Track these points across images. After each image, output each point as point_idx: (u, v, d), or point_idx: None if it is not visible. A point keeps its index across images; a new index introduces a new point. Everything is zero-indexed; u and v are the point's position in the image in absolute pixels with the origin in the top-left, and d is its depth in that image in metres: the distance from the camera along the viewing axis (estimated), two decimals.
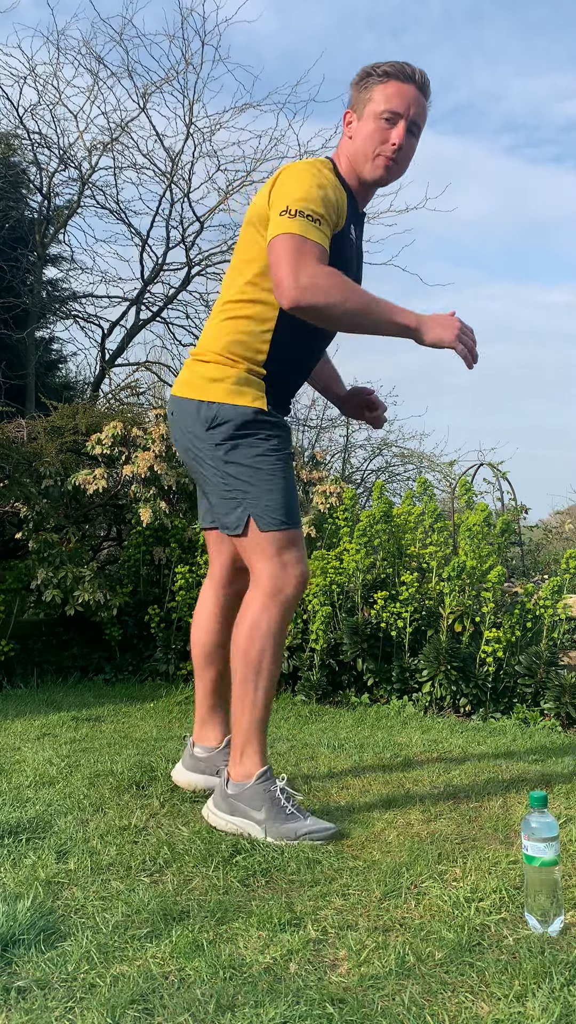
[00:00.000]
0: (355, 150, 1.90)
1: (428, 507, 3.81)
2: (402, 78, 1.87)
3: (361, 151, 1.89)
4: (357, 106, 1.91)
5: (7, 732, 2.86)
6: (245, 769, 1.84)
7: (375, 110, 1.87)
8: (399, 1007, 1.12)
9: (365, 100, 1.89)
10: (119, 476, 4.31)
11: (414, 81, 1.88)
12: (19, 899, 1.42)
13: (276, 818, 1.76)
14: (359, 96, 1.91)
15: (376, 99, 1.87)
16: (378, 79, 1.88)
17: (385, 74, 1.87)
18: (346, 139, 1.93)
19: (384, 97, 1.86)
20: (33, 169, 7.73)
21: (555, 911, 1.35)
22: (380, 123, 1.87)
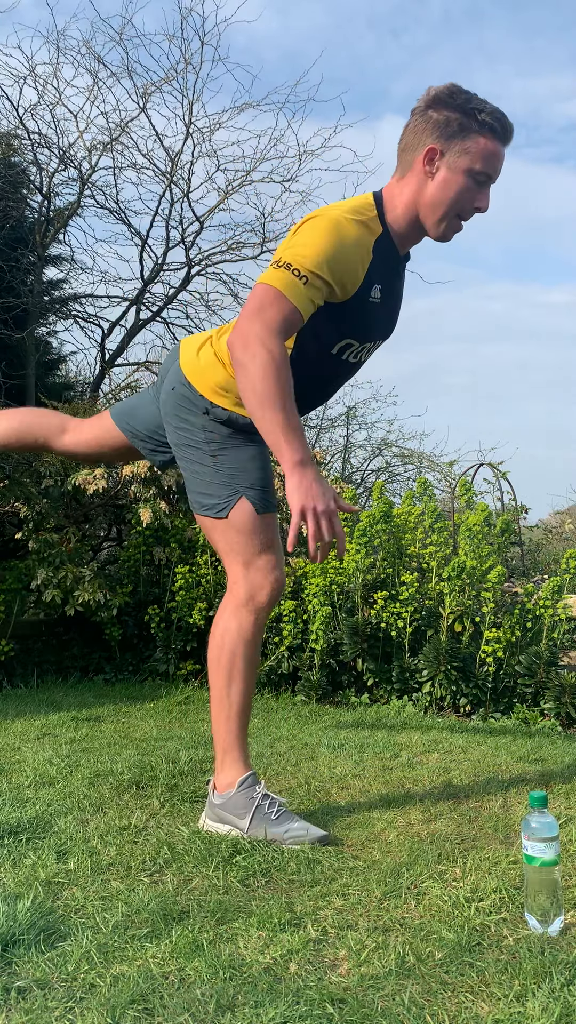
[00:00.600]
0: (432, 199, 1.73)
1: (428, 507, 3.81)
2: (503, 138, 1.74)
3: (440, 201, 1.72)
4: (450, 150, 1.71)
5: (7, 732, 2.86)
6: (228, 778, 1.82)
7: (471, 166, 1.71)
8: (399, 1007, 1.12)
9: (461, 148, 1.70)
10: (119, 476, 4.31)
11: (508, 142, 1.75)
12: (19, 899, 1.42)
13: (261, 823, 1.76)
14: (452, 139, 1.71)
15: (475, 153, 1.70)
16: (479, 130, 1.70)
17: (490, 129, 1.71)
18: (424, 176, 1.73)
19: (484, 156, 1.71)
20: (33, 169, 7.73)
21: (555, 911, 1.35)
22: (471, 182, 1.72)
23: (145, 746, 2.63)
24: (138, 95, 7.52)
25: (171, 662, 4.00)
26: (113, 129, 7.57)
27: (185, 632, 4.01)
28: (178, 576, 4.00)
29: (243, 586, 1.83)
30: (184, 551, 4.24)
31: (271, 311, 1.60)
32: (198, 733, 2.86)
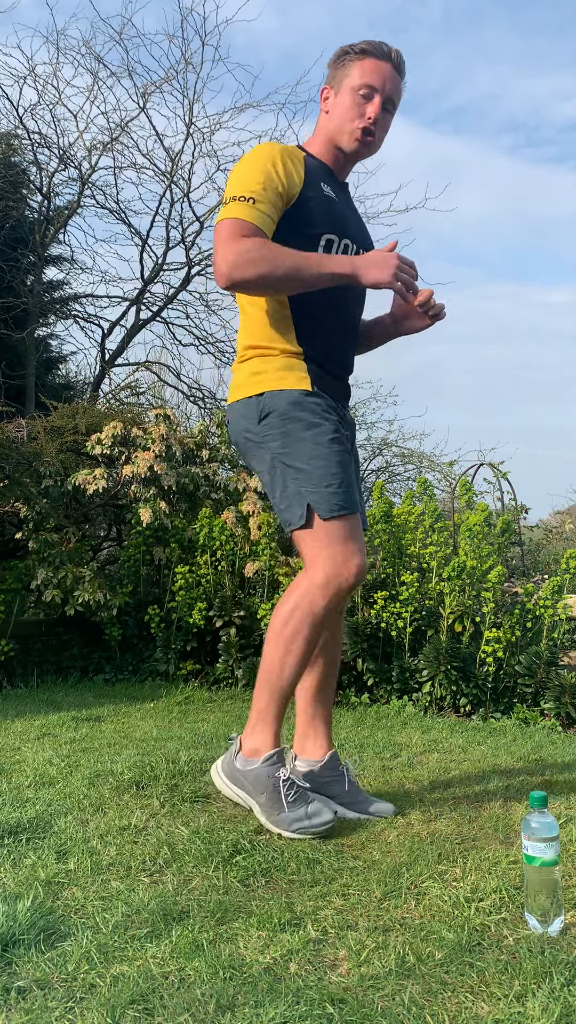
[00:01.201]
0: (333, 124, 1.96)
1: (428, 507, 3.81)
2: (379, 55, 1.94)
3: (339, 124, 1.95)
4: (334, 82, 1.97)
5: (7, 732, 2.86)
6: (255, 744, 1.86)
7: (352, 84, 1.93)
8: (399, 1007, 1.12)
9: (342, 76, 1.95)
10: (119, 476, 4.31)
11: (390, 59, 1.95)
12: (19, 899, 1.42)
13: (275, 805, 1.79)
14: (336, 72, 1.97)
15: (353, 75, 1.93)
16: (355, 56, 1.94)
17: (363, 51, 1.93)
18: (323, 115, 2.00)
19: (360, 73, 1.93)
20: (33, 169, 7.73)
21: (555, 911, 1.35)
22: (357, 97, 1.93)
23: (145, 746, 2.63)
24: (138, 95, 7.53)
25: (171, 662, 4.00)
26: (113, 129, 7.57)
27: (185, 632, 4.01)
28: (178, 576, 4.00)
29: (322, 569, 1.83)
30: (184, 551, 4.24)
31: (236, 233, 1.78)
32: (198, 733, 2.86)
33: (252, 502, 4.23)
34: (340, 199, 1.99)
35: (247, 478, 4.49)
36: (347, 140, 1.96)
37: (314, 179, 1.92)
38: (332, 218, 1.93)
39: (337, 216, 1.95)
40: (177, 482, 4.31)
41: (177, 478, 4.30)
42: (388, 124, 2.00)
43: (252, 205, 1.79)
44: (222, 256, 1.77)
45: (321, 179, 1.94)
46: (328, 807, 1.82)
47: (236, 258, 1.76)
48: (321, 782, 1.97)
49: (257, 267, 1.76)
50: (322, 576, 1.83)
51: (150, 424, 4.58)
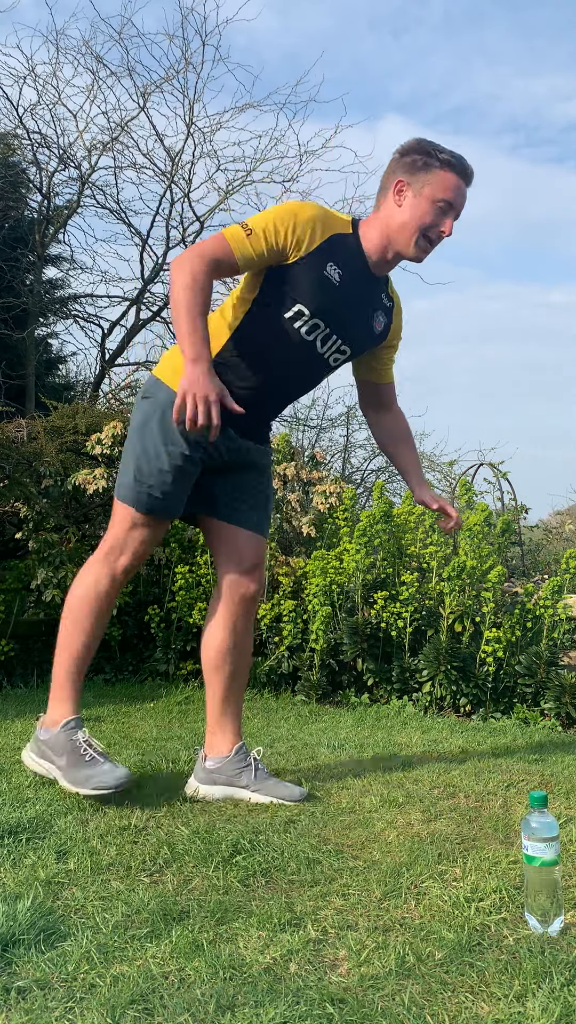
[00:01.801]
0: (400, 221, 1.99)
1: None
2: (462, 174, 2.00)
3: (407, 224, 1.99)
4: (415, 182, 1.98)
5: (7, 732, 2.86)
6: (54, 716, 2.02)
7: (433, 195, 1.97)
8: (399, 1007, 1.12)
9: (424, 180, 1.97)
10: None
11: (468, 180, 2.02)
12: (19, 899, 1.42)
13: (75, 765, 1.94)
14: (417, 173, 1.98)
15: (435, 184, 1.97)
16: (440, 165, 1.98)
17: (448, 164, 1.98)
18: (393, 205, 2.01)
19: (444, 186, 1.97)
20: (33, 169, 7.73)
21: (555, 911, 1.35)
22: (435, 207, 1.98)
23: (145, 746, 2.63)
24: (138, 95, 7.53)
25: (171, 662, 4.00)
26: (113, 129, 7.57)
27: (185, 632, 4.01)
28: (178, 576, 4.00)
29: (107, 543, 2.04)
30: (184, 551, 4.24)
31: (208, 245, 1.91)
32: (198, 733, 2.86)
33: None
34: (352, 287, 2.01)
35: None
36: (410, 245, 2.00)
37: (324, 255, 1.96)
38: (318, 298, 1.96)
39: (326, 298, 1.97)
40: None
41: None
42: None
43: (246, 236, 1.90)
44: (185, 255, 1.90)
45: (339, 260, 1.98)
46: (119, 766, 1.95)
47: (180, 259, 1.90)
48: (231, 774, 2.05)
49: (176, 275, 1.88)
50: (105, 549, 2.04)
51: None
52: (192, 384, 1.80)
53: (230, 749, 2.09)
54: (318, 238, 1.95)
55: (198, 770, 2.10)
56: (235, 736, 2.12)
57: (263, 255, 1.92)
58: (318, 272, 1.96)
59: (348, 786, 2.17)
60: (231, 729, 2.12)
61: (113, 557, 2.03)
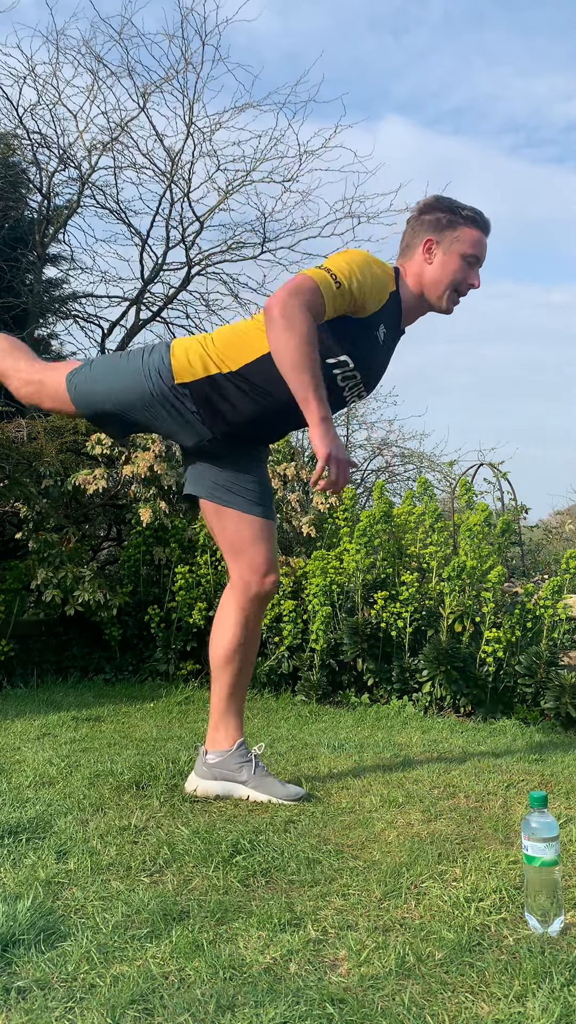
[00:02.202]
0: (432, 276, 2.08)
1: (428, 507, 3.81)
2: (484, 229, 2.10)
3: (440, 280, 2.07)
4: (444, 240, 2.07)
5: (7, 732, 2.86)
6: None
7: (462, 251, 2.07)
8: (399, 1007, 1.12)
9: (452, 237, 2.07)
10: (119, 476, 4.31)
11: (488, 232, 2.12)
12: (19, 899, 1.42)
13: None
14: (444, 231, 2.07)
15: (463, 241, 2.07)
16: (464, 223, 2.08)
17: (472, 220, 2.08)
18: (423, 262, 2.09)
19: (471, 243, 2.07)
20: (33, 169, 7.73)
21: (555, 911, 1.35)
22: (463, 263, 2.07)
23: (145, 746, 2.63)
24: (138, 95, 7.52)
25: (171, 662, 4.00)
26: (113, 129, 7.57)
27: (185, 632, 4.01)
28: (178, 576, 4.00)
29: None
30: (184, 551, 4.24)
31: (309, 294, 1.85)
32: (198, 733, 2.86)
33: None
34: (385, 344, 2.07)
35: None
36: (443, 299, 2.09)
37: (379, 319, 2.01)
38: (365, 352, 2.03)
39: (370, 355, 2.05)
40: (177, 482, 4.31)
41: (177, 478, 4.29)
42: None
43: (335, 289, 1.89)
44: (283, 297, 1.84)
45: (385, 321, 2.04)
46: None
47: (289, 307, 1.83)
48: (232, 769, 2.09)
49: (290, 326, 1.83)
50: None
51: None
52: (337, 450, 1.83)
53: (231, 744, 2.10)
54: (381, 302, 2.00)
55: (199, 766, 2.11)
56: (237, 732, 2.13)
57: (341, 309, 1.94)
58: (372, 333, 2.01)
59: (348, 786, 2.17)
60: (233, 725, 2.14)
61: None
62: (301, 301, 1.84)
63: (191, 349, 2.03)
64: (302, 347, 1.82)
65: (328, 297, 1.87)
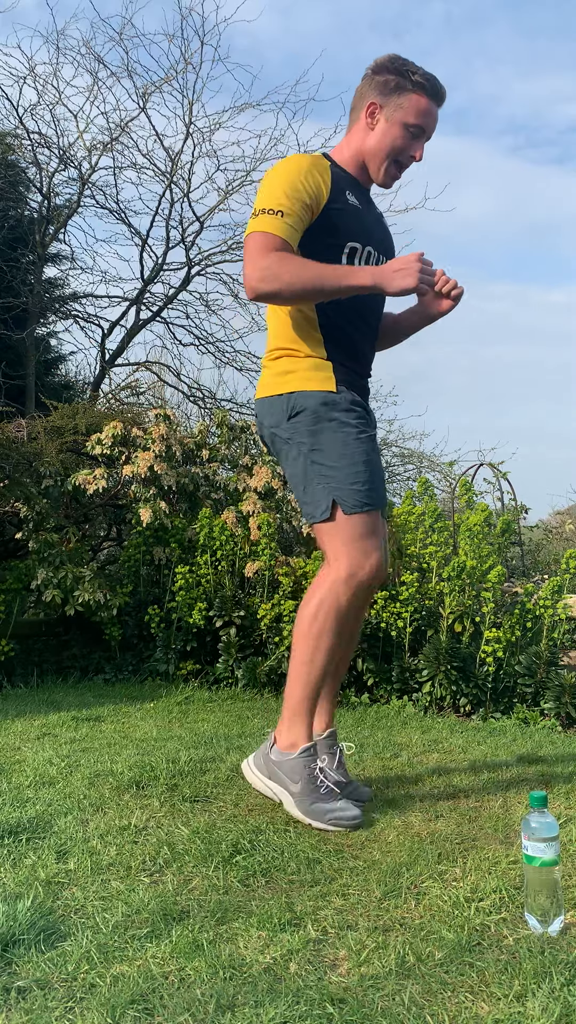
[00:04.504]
0: (373, 145, 1.99)
1: (428, 507, 3.81)
2: (434, 97, 1.98)
3: (380, 149, 1.98)
4: (386, 103, 1.97)
5: (7, 732, 2.86)
6: (292, 739, 1.93)
7: (405, 119, 1.96)
8: (399, 1007, 1.12)
9: (396, 104, 1.96)
10: (119, 476, 4.31)
11: (440, 102, 1.99)
12: (19, 899, 1.42)
13: (310, 795, 1.86)
14: (390, 96, 1.97)
15: (407, 108, 1.96)
16: (413, 88, 1.96)
17: (420, 87, 1.96)
18: (366, 128, 2.00)
19: (416, 111, 1.96)
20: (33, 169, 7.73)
21: (555, 911, 1.35)
22: (406, 132, 1.97)
23: (145, 746, 2.63)
24: (138, 95, 7.52)
25: (171, 662, 4.00)
26: (113, 129, 7.57)
27: (185, 632, 4.01)
28: (178, 576, 4.00)
29: (345, 563, 1.90)
30: (184, 551, 4.24)
31: (265, 246, 1.82)
32: (198, 733, 2.86)
33: (252, 502, 4.23)
34: (364, 207, 2.03)
35: (247, 478, 4.49)
36: (382, 171, 2.00)
37: (339, 189, 1.95)
38: (356, 226, 1.98)
39: (361, 224, 1.99)
40: (177, 482, 4.31)
41: (177, 478, 4.30)
42: None
43: (280, 218, 1.84)
44: (250, 269, 1.83)
45: (346, 188, 1.98)
46: (352, 804, 1.88)
47: (263, 272, 1.81)
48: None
49: (281, 281, 1.81)
50: (345, 571, 1.90)
51: (150, 424, 4.58)
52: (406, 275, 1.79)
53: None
54: (327, 177, 1.94)
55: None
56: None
57: (303, 219, 1.89)
58: (344, 204, 1.95)
59: None
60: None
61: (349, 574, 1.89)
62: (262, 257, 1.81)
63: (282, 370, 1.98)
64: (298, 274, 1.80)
65: (280, 228, 1.84)
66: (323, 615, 1.90)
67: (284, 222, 1.85)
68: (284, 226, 1.84)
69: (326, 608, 1.90)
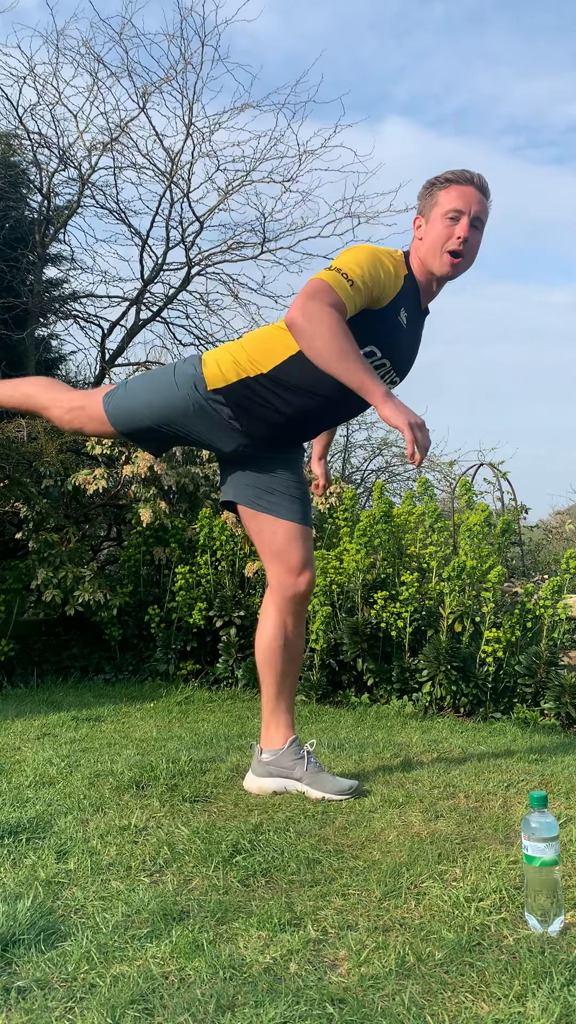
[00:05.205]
0: (425, 248, 2.07)
1: (428, 507, 3.81)
2: (462, 182, 2.05)
3: (431, 248, 2.06)
4: (425, 211, 2.09)
5: (7, 732, 2.86)
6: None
7: (441, 212, 2.04)
8: (399, 1007, 1.12)
9: (431, 205, 2.07)
10: (119, 476, 4.31)
11: (473, 183, 2.05)
12: (19, 899, 1.42)
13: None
14: (426, 203, 2.09)
15: (441, 202, 2.05)
16: (440, 186, 2.06)
17: (447, 181, 2.05)
18: (417, 241, 2.11)
19: (448, 200, 2.04)
20: (33, 169, 7.73)
21: (555, 911, 1.35)
22: (445, 222, 2.04)
23: (145, 746, 2.63)
24: (138, 95, 7.52)
25: (171, 662, 4.00)
26: (113, 129, 7.57)
27: (185, 632, 4.01)
28: (178, 576, 4.00)
29: None
30: (184, 551, 4.24)
31: (326, 294, 1.86)
32: (198, 733, 2.86)
33: None
34: (409, 326, 2.09)
35: None
36: (439, 264, 2.06)
37: (399, 304, 2.02)
38: (388, 340, 2.04)
39: (394, 341, 2.06)
40: (177, 482, 4.31)
41: (177, 478, 4.30)
42: (477, 242, 2.08)
43: (349, 287, 1.89)
44: (300, 303, 1.86)
45: (405, 305, 2.05)
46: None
47: (310, 311, 1.84)
48: (286, 766, 2.12)
49: (320, 327, 1.84)
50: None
51: None
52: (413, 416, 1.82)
53: (284, 742, 2.16)
54: (396, 288, 2.01)
55: (255, 764, 2.16)
56: (288, 729, 2.19)
57: (360, 306, 1.94)
58: (394, 319, 2.03)
59: None
60: (284, 723, 2.19)
61: None
62: (320, 301, 1.84)
63: (221, 358, 2.07)
64: (337, 338, 1.82)
65: (344, 295, 1.88)
66: None
67: (350, 294, 1.90)
68: (347, 295, 1.89)
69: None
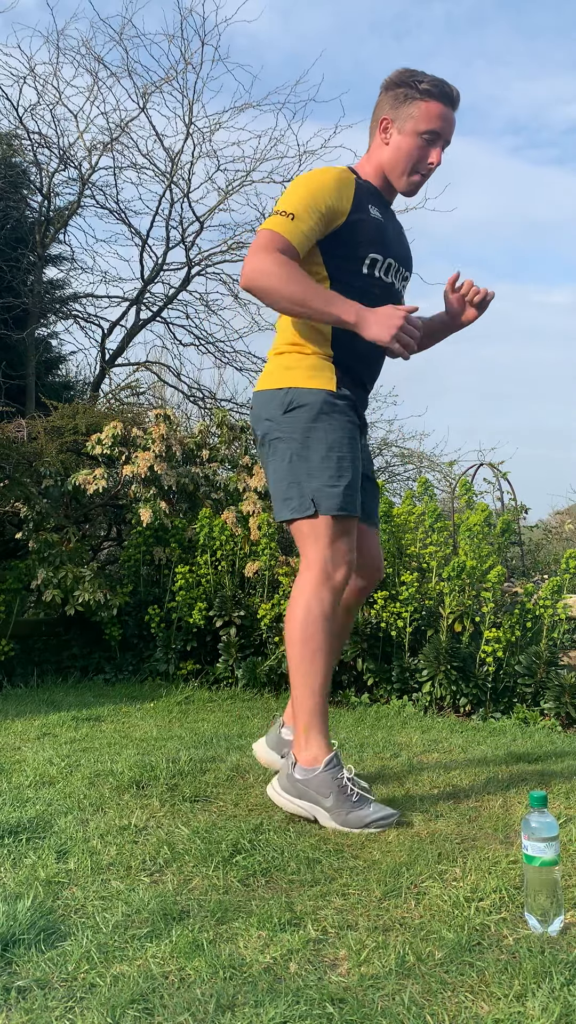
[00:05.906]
0: (391, 160, 2.01)
1: (428, 507, 3.81)
2: (444, 100, 1.98)
3: (398, 163, 2.00)
4: (397, 116, 1.99)
5: (7, 732, 2.86)
6: (312, 754, 1.89)
7: (416, 128, 1.97)
8: (399, 1007, 1.12)
9: (406, 115, 1.98)
10: (119, 476, 4.31)
11: (453, 104, 2.00)
12: (19, 899, 1.42)
13: (343, 806, 1.82)
14: (400, 107, 1.99)
15: (418, 117, 1.97)
16: (421, 97, 1.97)
17: (428, 93, 1.96)
18: (381, 144, 2.02)
19: (427, 117, 1.97)
20: (33, 169, 7.73)
21: (555, 911, 1.35)
22: (420, 141, 1.97)
23: (145, 746, 2.63)
24: (138, 95, 7.52)
25: (171, 662, 4.00)
26: (113, 129, 7.57)
27: (185, 632, 4.01)
28: (178, 576, 4.00)
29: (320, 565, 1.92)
30: (184, 551, 4.24)
31: (269, 245, 1.86)
32: (198, 733, 2.86)
33: (252, 502, 4.23)
34: (386, 220, 2.05)
35: (247, 478, 4.49)
36: (403, 182, 2.02)
37: (362, 202, 1.98)
38: (378, 238, 2.00)
39: (383, 236, 2.02)
40: (177, 482, 4.31)
41: (177, 478, 4.30)
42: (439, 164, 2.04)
43: (291, 221, 1.87)
44: (248, 261, 1.87)
45: (369, 201, 2.00)
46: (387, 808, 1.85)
47: (257, 266, 1.85)
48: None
49: (269, 280, 1.84)
50: (320, 573, 1.91)
51: (150, 424, 4.58)
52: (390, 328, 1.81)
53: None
54: (351, 190, 1.96)
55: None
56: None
57: (314, 230, 1.91)
58: (367, 218, 1.97)
59: None
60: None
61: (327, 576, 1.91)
62: (264, 253, 1.84)
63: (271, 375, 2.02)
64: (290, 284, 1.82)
65: (289, 232, 1.87)
66: (312, 620, 1.90)
67: (295, 226, 1.88)
68: (294, 230, 1.88)
69: (314, 613, 1.90)
